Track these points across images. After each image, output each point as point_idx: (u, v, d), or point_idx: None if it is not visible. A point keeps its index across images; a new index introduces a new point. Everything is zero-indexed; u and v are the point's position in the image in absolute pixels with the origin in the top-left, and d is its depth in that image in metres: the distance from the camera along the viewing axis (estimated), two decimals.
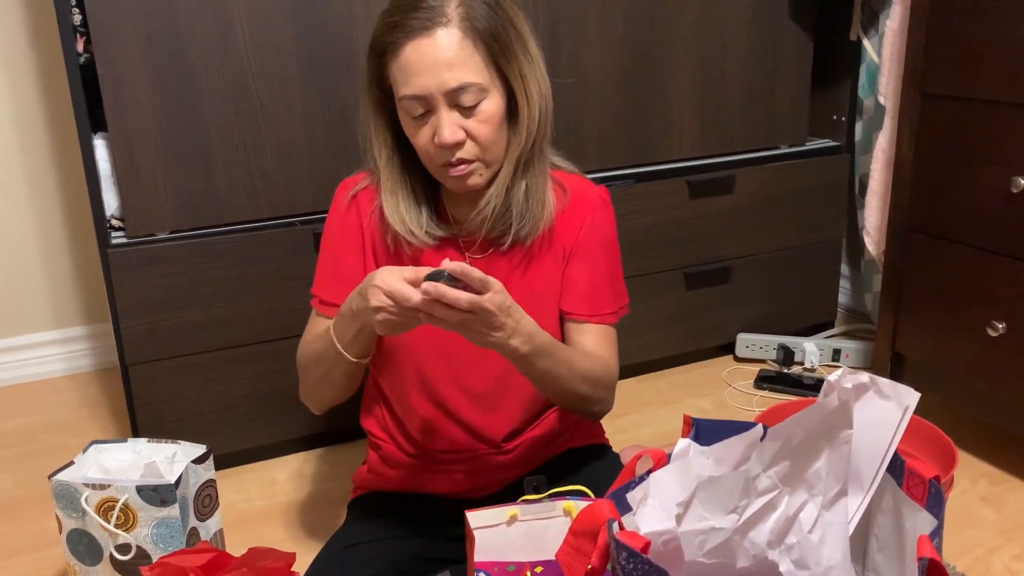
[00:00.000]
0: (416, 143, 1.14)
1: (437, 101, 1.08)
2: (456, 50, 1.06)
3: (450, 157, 1.11)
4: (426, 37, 1.06)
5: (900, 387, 0.82)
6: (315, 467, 1.82)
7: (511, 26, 1.11)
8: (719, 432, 0.88)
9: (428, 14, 1.06)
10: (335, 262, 1.25)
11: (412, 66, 1.07)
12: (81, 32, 1.53)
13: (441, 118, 1.08)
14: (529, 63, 1.13)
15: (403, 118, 1.13)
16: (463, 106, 1.08)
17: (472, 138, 1.11)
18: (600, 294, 1.27)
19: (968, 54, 1.61)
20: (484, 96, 1.09)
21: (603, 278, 1.28)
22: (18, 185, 2.18)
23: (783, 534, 0.80)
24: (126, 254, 1.60)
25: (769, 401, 2.02)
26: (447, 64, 1.06)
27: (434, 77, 1.06)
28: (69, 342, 2.32)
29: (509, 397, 1.27)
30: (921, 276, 1.78)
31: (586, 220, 1.26)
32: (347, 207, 1.25)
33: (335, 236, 1.26)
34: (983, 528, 1.55)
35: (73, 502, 1.30)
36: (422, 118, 1.10)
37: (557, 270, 1.26)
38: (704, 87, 2.03)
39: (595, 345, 1.26)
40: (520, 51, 1.11)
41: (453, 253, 1.24)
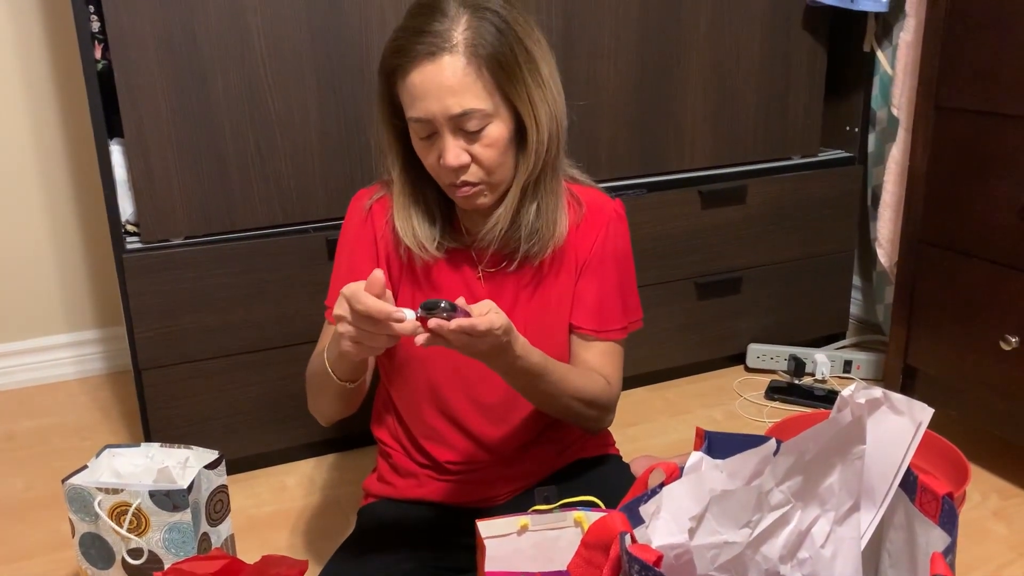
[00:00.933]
0: (425, 162, 1.14)
1: (441, 125, 1.08)
2: (460, 76, 1.05)
3: (455, 179, 1.12)
4: (431, 63, 1.05)
5: (914, 403, 0.82)
6: (326, 473, 1.83)
7: (521, 49, 1.09)
8: (732, 445, 0.88)
9: (434, 39, 1.05)
10: (349, 273, 1.25)
11: (417, 90, 1.07)
12: (99, 39, 1.54)
13: (445, 142, 1.09)
14: (539, 87, 1.11)
15: (413, 138, 1.14)
16: (467, 131, 1.08)
17: (476, 162, 1.11)
18: (609, 310, 1.27)
19: (982, 67, 1.61)
20: (488, 121, 1.09)
21: (613, 293, 1.27)
22: (34, 190, 2.20)
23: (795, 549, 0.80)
24: (141, 259, 1.61)
25: (780, 412, 2.02)
26: (451, 90, 1.06)
27: (438, 102, 1.06)
28: (82, 345, 2.33)
29: (519, 409, 1.27)
30: (934, 288, 1.78)
31: (600, 235, 1.25)
32: (363, 219, 1.25)
33: (349, 247, 1.26)
34: (994, 543, 1.54)
35: (86, 506, 1.31)
36: (429, 139, 1.11)
37: (569, 285, 1.26)
38: (717, 97, 2.03)
39: (599, 362, 1.26)
40: (529, 75, 1.10)
41: (465, 266, 1.24)
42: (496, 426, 1.27)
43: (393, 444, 1.34)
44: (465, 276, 1.24)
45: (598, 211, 1.26)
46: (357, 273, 1.23)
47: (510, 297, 1.24)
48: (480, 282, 1.24)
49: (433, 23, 1.06)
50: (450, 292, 1.23)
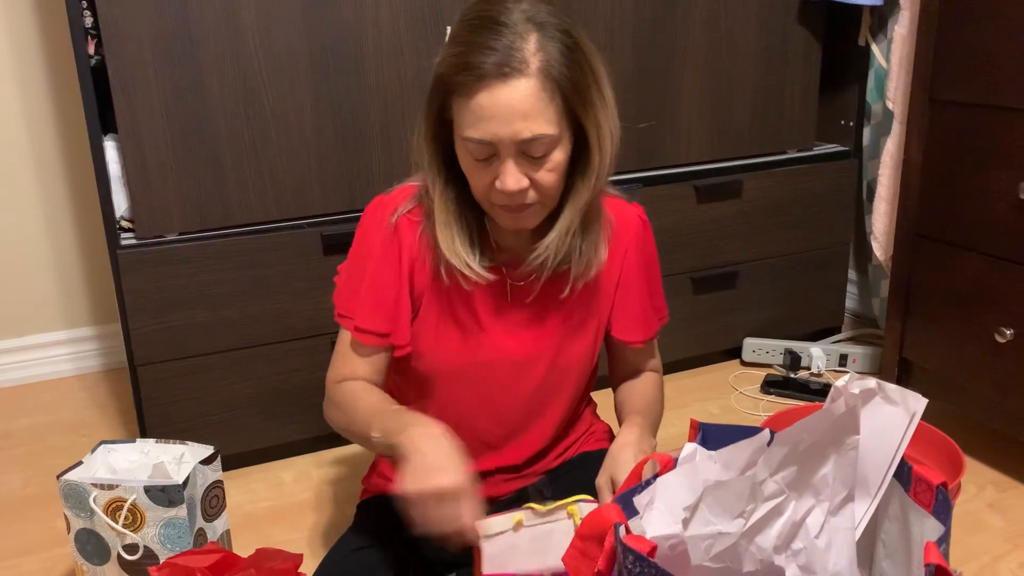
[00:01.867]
0: (474, 183, 1.08)
1: (505, 149, 1.02)
2: (533, 101, 0.99)
3: (510, 201, 1.06)
4: (502, 84, 0.98)
5: (908, 393, 0.82)
6: (322, 469, 1.83)
7: (589, 70, 1.05)
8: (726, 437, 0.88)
9: (505, 59, 0.98)
10: (374, 287, 1.18)
11: (485, 112, 1.00)
12: (92, 34, 1.54)
13: (507, 166, 1.03)
14: (603, 108, 1.07)
15: (463, 156, 1.07)
16: (531, 156, 1.03)
17: (535, 186, 1.06)
18: (650, 315, 1.30)
19: (978, 59, 1.61)
20: (555, 146, 1.04)
21: (649, 301, 1.30)
22: (28, 186, 2.19)
23: (790, 539, 0.80)
24: (135, 255, 1.61)
25: (776, 406, 2.02)
26: (523, 114, 0.99)
27: (507, 126, 1.00)
28: (78, 342, 2.33)
29: (539, 423, 1.28)
30: (929, 282, 1.78)
31: (632, 247, 1.24)
32: (389, 233, 1.17)
33: (375, 259, 1.18)
34: (990, 534, 1.54)
35: (81, 502, 1.31)
36: (485, 161, 1.05)
37: (603, 301, 1.25)
38: (712, 91, 2.03)
39: (650, 361, 1.35)
40: (596, 97, 1.06)
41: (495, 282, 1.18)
42: (512, 440, 1.28)
43: None
44: (495, 292, 1.21)
45: (625, 223, 1.24)
46: (380, 288, 1.18)
47: (540, 315, 1.22)
48: (508, 298, 1.21)
49: (502, 40, 0.99)
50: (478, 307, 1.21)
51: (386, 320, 1.18)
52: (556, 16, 1.03)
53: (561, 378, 1.26)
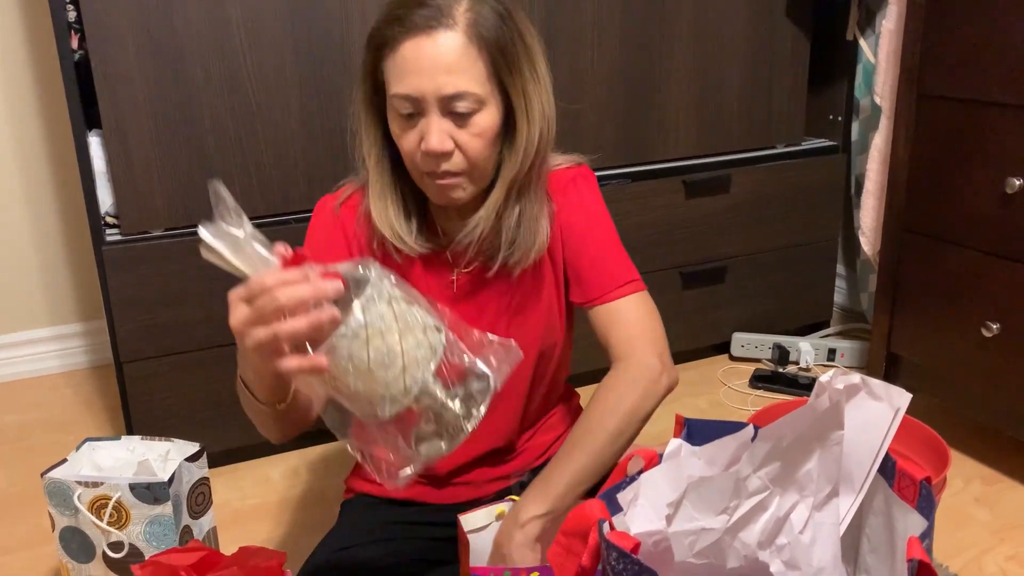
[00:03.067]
0: (402, 146, 1.07)
1: (429, 105, 1.01)
2: (458, 56, 0.99)
3: (435, 167, 1.05)
4: (428, 36, 0.99)
5: (892, 388, 0.82)
6: (311, 466, 1.82)
7: (520, 40, 1.04)
8: (711, 432, 0.88)
9: (434, 12, 0.99)
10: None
11: (409, 64, 1.00)
12: (76, 29, 1.52)
13: (431, 124, 1.02)
14: (535, 82, 1.06)
15: (392, 117, 1.07)
16: (456, 114, 1.02)
17: (461, 150, 1.04)
18: (607, 266, 1.17)
19: (965, 54, 1.61)
20: (480, 108, 1.02)
21: (606, 252, 1.18)
22: (13, 182, 2.17)
23: (774, 535, 0.80)
24: (121, 251, 1.59)
25: (764, 400, 2.02)
26: (446, 68, 0.99)
27: (431, 80, 0.99)
28: (64, 339, 2.31)
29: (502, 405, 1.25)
30: (916, 276, 1.78)
31: (572, 204, 1.19)
32: (332, 220, 1.17)
33: (320, 253, 1.15)
34: (977, 528, 1.55)
35: (66, 500, 1.30)
36: (411, 120, 1.04)
37: (551, 282, 1.21)
38: (701, 86, 2.03)
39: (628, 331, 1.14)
40: (527, 68, 1.05)
41: (442, 268, 1.18)
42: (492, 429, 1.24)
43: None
44: (441, 280, 1.19)
45: (560, 191, 1.19)
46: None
47: (485, 305, 1.19)
48: (453, 287, 1.19)
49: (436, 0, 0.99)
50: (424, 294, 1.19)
51: None
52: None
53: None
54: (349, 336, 0.77)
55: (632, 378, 1.11)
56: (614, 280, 1.17)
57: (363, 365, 0.78)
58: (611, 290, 1.16)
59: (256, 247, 0.80)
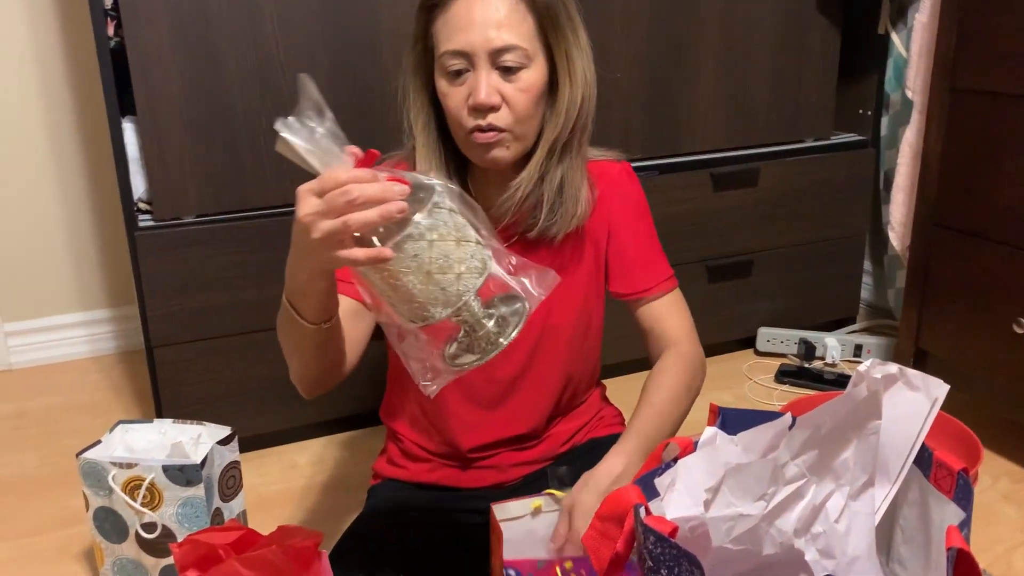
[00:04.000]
0: (448, 104, 1.09)
1: (478, 59, 1.04)
2: (508, 11, 1.04)
3: (482, 121, 1.07)
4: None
5: (929, 378, 0.82)
6: (336, 452, 1.84)
7: (565, 9, 1.09)
8: (745, 421, 0.88)
9: None
10: None
11: (460, 21, 1.04)
12: (112, 16, 1.54)
13: (480, 77, 1.05)
14: (578, 48, 1.10)
15: (440, 79, 1.09)
16: (505, 68, 1.05)
17: (508, 105, 1.07)
18: (651, 261, 1.26)
19: (999, 48, 1.59)
20: (527, 63, 1.06)
21: (647, 245, 1.26)
22: (46, 168, 2.20)
23: (809, 523, 0.80)
24: (153, 237, 1.61)
25: (789, 395, 2.02)
26: (496, 23, 1.03)
27: (481, 34, 1.03)
28: (94, 324, 2.34)
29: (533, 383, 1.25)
30: (946, 272, 1.77)
31: (615, 197, 1.23)
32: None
33: None
34: (1004, 526, 1.54)
35: (100, 480, 1.32)
36: (459, 77, 1.06)
37: (593, 260, 1.24)
38: (730, 79, 2.02)
39: (669, 321, 1.24)
40: (571, 33, 1.09)
41: None
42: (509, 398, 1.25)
43: (406, 432, 1.33)
44: None
45: (606, 179, 1.23)
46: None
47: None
48: None
49: None
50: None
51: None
52: None
53: (554, 338, 1.24)
54: (415, 236, 0.80)
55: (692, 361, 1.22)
56: (660, 275, 1.25)
57: (425, 266, 0.81)
58: (658, 283, 1.25)
59: (330, 143, 0.82)
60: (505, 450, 1.28)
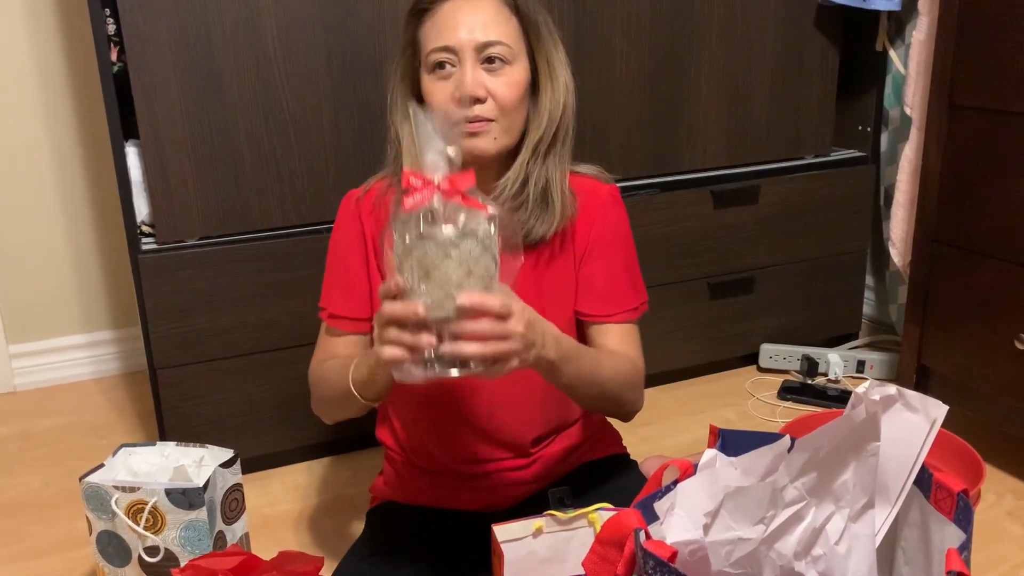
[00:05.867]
0: (434, 101, 1.13)
1: (464, 53, 1.10)
2: (494, 12, 1.12)
3: (468, 113, 1.11)
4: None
5: (928, 400, 0.82)
6: (340, 472, 1.84)
7: (545, 24, 1.17)
8: (745, 443, 0.88)
9: None
10: (343, 271, 1.25)
11: (447, 21, 1.11)
12: (115, 41, 1.55)
13: (466, 70, 1.10)
14: (558, 57, 1.18)
15: (425, 78, 1.15)
16: (489, 60, 1.11)
17: (493, 97, 1.12)
18: (618, 292, 1.26)
19: (996, 65, 1.60)
20: (512, 61, 1.13)
21: (620, 276, 1.26)
22: (50, 190, 2.21)
23: (810, 545, 0.80)
24: (156, 260, 1.62)
25: (793, 412, 2.01)
26: (483, 22, 1.11)
27: (468, 31, 1.10)
28: (98, 346, 2.35)
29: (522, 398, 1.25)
30: (947, 288, 1.77)
31: (597, 219, 1.24)
32: (352, 214, 1.26)
33: (341, 246, 1.26)
34: (1009, 543, 1.53)
35: (103, 504, 1.32)
36: (444, 70, 1.12)
37: (570, 272, 1.25)
38: (729, 96, 2.03)
39: (619, 344, 1.24)
40: (550, 43, 1.17)
41: None
42: (498, 413, 1.25)
43: (398, 449, 1.33)
44: None
45: (593, 196, 1.25)
46: (349, 271, 1.24)
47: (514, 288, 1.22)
48: None
49: None
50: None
51: (354, 302, 1.23)
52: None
53: None
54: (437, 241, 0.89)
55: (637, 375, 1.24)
56: (622, 305, 1.26)
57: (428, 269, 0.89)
58: (618, 312, 1.25)
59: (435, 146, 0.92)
60: (497, 470, 1.28)
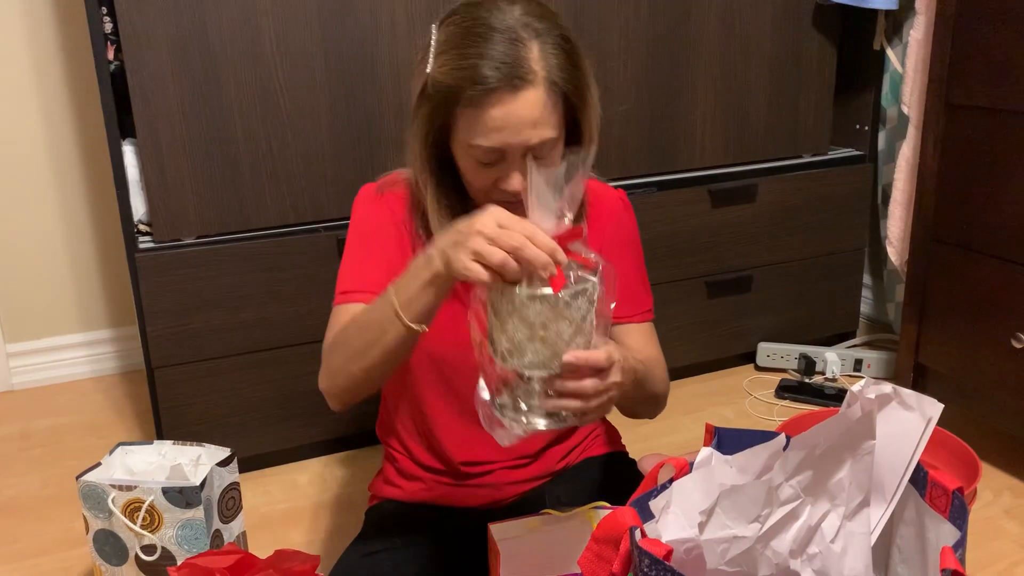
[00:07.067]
0: (474, 183, 1.10)
1: (514, 153, 1.05)
2: (540, 109, 1.03)
3: (511, 198, 1.08)
4: (511, 96, 1.01)
5: (923, 398, 0.82)
6: (337, 471, 1.84)
7: (582, 70, 1.08)
8: (741, 441, 0.88)
9: (512, 70, 1.01)
10: (368, 255, 1.20)
11: (496, 123, 1.03)
12: (112, 40, 1.55)
13: (512, 168, 1.06)
14: (594, 100, 1.11)
15: (465, 159, 1.09)
16: (536, 157, 1.06)
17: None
18: (636, 293, 1.28)
19: (993, 64, 1.60)
20: (557, 145, 1.08)
21: (636, 278, 1.29)
22: (47, 190, 2.21)
23: (805, 543, 0.80)
24: (153, 259, 1.62)
25: (790, 410, 2.01)
26: (532, 123, 1.03)
27: (517, 135, 1.03)
28: (96, 345, 2.35)
29: None
30: (944, 287, 1.77)
31: (610, 223, 1.26)
32: (376, 201, 1.21)
33: (371, 231, 1.20)
34: (1006, 541, 1.53)
35: (100, 503, 1.32)
36: (490, 165, 1.07)
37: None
38: (727, 96, 2.03)
39: (644, 345, 1.27)
40: (589, 93, 1.10)
41: None
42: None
43: (401, 449, 1.33)
44: None
45: (601, 200, 1.26)
46: (378, 252, 1.20)
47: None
48: None
49: (506, 50, 1.01)
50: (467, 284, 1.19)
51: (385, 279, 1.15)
52: (549, 18, 1.07)
53: None
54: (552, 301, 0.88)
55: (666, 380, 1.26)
56: (639, 307, 1.27)
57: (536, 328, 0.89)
58: (636, 313, 1.27)
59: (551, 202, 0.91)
60: (500, 468, 1.28)
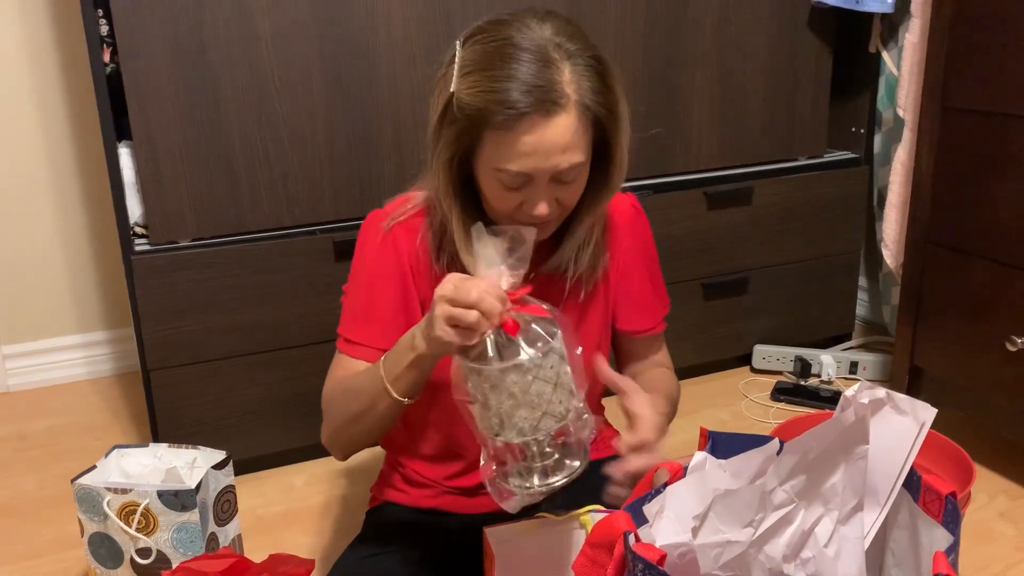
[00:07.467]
0: (499, 206, 1.08)
1: (540, 179, 1.03)
2: (572, 135, 1.01)
3: (536, 221, 1.07)
4: (543, 121, 0.99)
5: (917, 403, 0.83)
6: (333, 473, 1.84)
7: (613, 91, 1.05)
8: (735, 445, 0.88)
9: (544, 93, 0.98)
10: (376, 301, 1.18)
11: (526, 148, 1.00)
12: (108, 42, 1.55)
13: (539, 193, 1.04)
14: (626, 125, 1.09)
15: (490, 182, 1.06)
16: (563, 181, 1.05)
17: (560, 204, 1.08)
18: (655, 302, 1.31)
19: (988, 67, 1.61)
20: (584, 169, 1.06)
21: (650, 289, 1.30)
22: (43, 192, 2.21)
23: (799, 548, 0.80)
24: (149, 261, 1.62)
25: (786, 413, 2.02)
26: (562, 148, 1.01)
27: (547, 160, 1.01)
28: (92, 346, 2.34)
29: None
30: (940, 289, 1.77)
31: (627, 234, 1.26)
32: (385, 244, 1.18)
33: (374, 277, 1.18)
34: (1001, 544, 1.54)
35: (95, 506, 1.32)
36: (517, 188, 1.05)
37: (603, 296, 1.26)
38: (723, 98, 2.03)
39: (661, 354, 1.32)
40: (620, 116, 1.07)
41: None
42: None
43: (406, 460, 1.33)
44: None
45: (616, 214, 1.25)
46: (381, 303, 1.18)
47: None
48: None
49: (537, 72, 0.98)
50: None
51: (377, 332, 1.17)
52: (580, 38, 1.03)
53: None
54: (523, 368, 0.90)
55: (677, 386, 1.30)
56: (660, 314, 1.32)
57: (518, 396, 0.90)
58: (658, 322, 1.31)
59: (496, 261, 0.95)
60: None
